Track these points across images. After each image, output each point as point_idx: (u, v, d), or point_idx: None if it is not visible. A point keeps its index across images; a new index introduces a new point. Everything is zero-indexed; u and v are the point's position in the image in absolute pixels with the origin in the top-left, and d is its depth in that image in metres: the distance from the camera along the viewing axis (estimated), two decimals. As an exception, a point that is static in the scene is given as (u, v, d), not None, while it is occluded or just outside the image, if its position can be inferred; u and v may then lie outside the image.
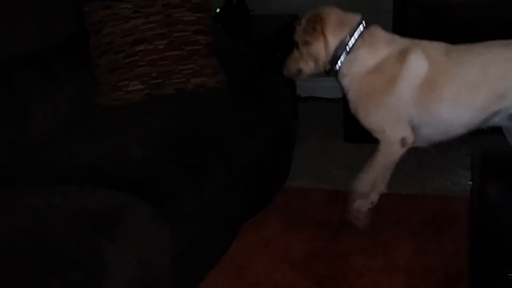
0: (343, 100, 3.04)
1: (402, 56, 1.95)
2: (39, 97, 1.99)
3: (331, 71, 2.09)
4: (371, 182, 2.07)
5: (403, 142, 1.99)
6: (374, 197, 2.12)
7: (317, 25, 2.01)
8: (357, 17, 2.05)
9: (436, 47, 1.98)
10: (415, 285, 1.90)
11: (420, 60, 1.93)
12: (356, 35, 1.99)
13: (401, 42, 2.01)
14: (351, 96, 2.04)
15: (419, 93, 1.93)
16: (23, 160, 1.79)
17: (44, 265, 1.27)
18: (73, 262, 1.30)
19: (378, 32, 2.03)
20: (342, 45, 2.00)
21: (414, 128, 1.99)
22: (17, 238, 1.35)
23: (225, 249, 2.00)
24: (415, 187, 2.48)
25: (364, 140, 2.93)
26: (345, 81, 2.04)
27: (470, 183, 1.95)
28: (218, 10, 3.07)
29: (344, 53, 2.00)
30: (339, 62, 2.02)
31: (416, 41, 2.01)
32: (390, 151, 2.01)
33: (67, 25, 2.23)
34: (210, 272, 1.88)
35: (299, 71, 2.13)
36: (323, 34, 2.01)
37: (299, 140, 2.66)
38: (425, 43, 1.99)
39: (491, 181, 1.70)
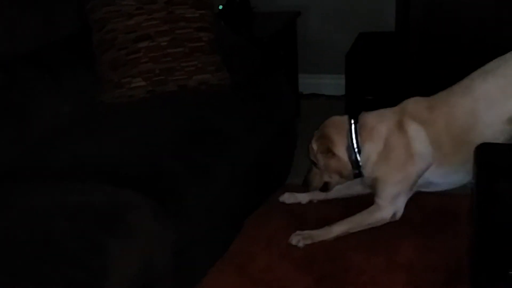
0: (346, 97, 3.06)
1: (400, 128, 2.04)
2: (42, 93, 2.00)
3: (361, 174, 2.14)
4: (342, 233, 2.10)
5: (394, 216, 2.09)
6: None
7: (329, 146, 2.10)
8: (345, 118, 2.13)
9: (420, 108, 2.04)
10: (416, 282, 1.90)
11: (416, 128, 2.02)
12: (353, 135, 2.07)
13: (390, 115, 2.08)
14: (379, 176, 2.08)
15: (435, 154, 2.02)
16: (26, 157, 1.80)
17: (47, 262, 1.28)
18: (76, 258, 1.31)
19: (367, 119, 2.10)
20: (350, 150, 2.08)
21: (429, 186, 2.11)
22: (20, 235, 1.36)
23: (227, 246, 2.00)
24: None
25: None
26: (366, 174, 2.12)
27: (471, 181, 1.98)
28: (220, 7, 3.07)
29: (357, 155, 2.08)
30: (360, 163, 2.09)
31: (400, 109, 2.08)
32: (379, 218, 2.09)
33: (70, 21, 2.23)
34: (212, 268, 1.88)
35: (327, 184, 2.21)
36: (334, 154, 2.10)
37: (301, 137, 2.66)
38: (410, 109, 2.06)
39: (493, 179, 1.70)
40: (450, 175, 2.07)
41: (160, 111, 2.03)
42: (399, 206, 2.08)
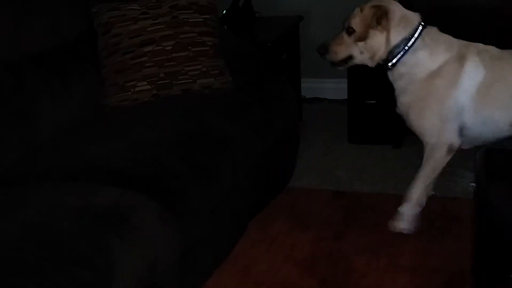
0: (348, 101, 3.07)
1: (460, 61, 1.96)
2: (49, 96, 2.01)
3: (380, 66, 2.06)
4: (425, 189, 2.09)
5: (450, 148, 2.00)
6: (423, 200, 2.13)
7: (382, 20, 1.97)
8: (417, 16, 2.04)
9: (490, 52, 2.00)
10: (419, 285, 1.91)
11: (477, 66, 1.96)
12: (416, 35, 1.98)
13: (458, 45, 2.01)
14: (406, 97, 2.03)
15: (475, 98, 1.95)
16: (33, 158, 1.82)
17: (53, 263, 1.29)
18: (82, 259, 1.32)
19: (438, 35, 2.03)
20: (401, 44, 1.99)
21: (462, 130, 2.01)
22: (26, 235, 1.37)
23: (230, 248, 2.02)
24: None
25: (368, 141, 2.98)
26: (401, 82, 2.03)
27: (473, 184, 1.97)
28: (224, 12, 3.09)
29: (402, 52, 1.99)
30: (394, 60, 2.00)
31: (472, 45, 2.02)
32: (437, 157, 2.02)
33: (76, 25, 2.25)
34: (216, 270, 1.90)
35: (350, 57, 2.08)
36: (387, 30, 1.98)
37: (303, 141, 2.68)
38: (480, 48, 2.01)
39: (495, 182, 1.70)
40: (486, 125, 1.99)
41: (164, 114, 2.04)
42: (450, 135, 1.98)
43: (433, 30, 2.04)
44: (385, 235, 2.19)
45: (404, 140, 2.85)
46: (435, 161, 2.03)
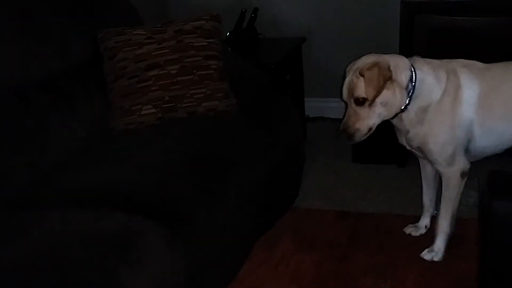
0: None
1: (455, 75, 1.99)
2: (56, 120, 2.04)
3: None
4: (453, 217, 2.12)
5: (462, 173, 2.06)
6: (453, 227, 2.17)
7: (388, 76, 1.91)
8: (398, 55, 2.07)
9: (476, 65, 2.04)
10: (425, 306, 1.91)
11: (471, 77, 1.99)
12: (413, 70, 1.98)
13: (444, 63, 2.05)
14: (422, 128, 2.01)
15: (478, 110, 1.99)
16: (40, 183, 1.84)
17: (60, 287, 1.30)
18: (90, 284, 1.33)
19: (424, 60, 2.04)
20: (409, 84, 1.96)
21: (470, 144, 2.04)
22: (34, 260, 1.38)
23: (237, 270, 2.02)
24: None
25: (373, 161, 2.99)
26: (413, 116, 2.00)
27: (471, 198, 2.00)
28: (228, 34, 3.13)
29: (411, 90, 1.97)
30: (407, 101, 1.97)
31: (454, 61, 2.06)
32: (454, 185, 2.07)
33: (83, 50, 2.28)
34: (222, 292, 1.90)
35: (371, 128, 1.97)
36: (396, 81, 1.93)
37: (307, 160, 2.69)
38: (464, 62, 2.05)
39: (499, 202, 1.71)
40: (491, 137, 2.03)
41: (169, 137, 2.07)
42: (460, 162, 2.02)
43: (419, 59, 2.06)
44: (391, 256, 2.19)
45: (408, 159, 2.86)
46: (453, 189, 2.08)
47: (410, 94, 1.97)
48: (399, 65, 1.97)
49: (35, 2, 2.18)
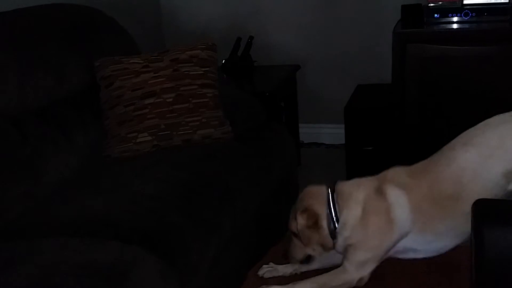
0: (345, 146, 3.12)
1: (379, 193, 1.96)
2: (52, 149, 2.05)
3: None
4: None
5: (360, 281, 2.01)
6: None
7: (318, 222, 1.99)
8: (321, 187, 2.06)
9: (401, 175, 1.99)
10: (419, 335, 1.90)
11: (396, 192, 1.94)
12: (332, 204, 2.00)
13: (367, 182, 2.02)
14: (346, 241, 2.01)
15: (415, 221, 1.94)
16: (35, 212, 1.84)
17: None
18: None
19: (343, 188, 2.03)
20: (329, 219, 2.00)
21: (403, 251, 2.02)
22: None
23: (230, 299, 2.02)
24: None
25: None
26: (340, 242, 2.01)
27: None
28: (223, 61, 3.17)
29: (336, 223, 2.00)
30: (336, 233, 2.00)
31: (379, 176, 2.02)
32: (344, 282, 2.00)
33: (80, 78, 2.30)
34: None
35: (309, 257, 2.11)
36: (320, 226, 2.00)
37: (301, 186, 2.69)
38: (389, 176, 2.00)
39: (491, 230, 1.72)
40: (432, 242, 1.99)
41: (165, 165, 2.08)
42: (367, 272, 1.99)
43: (339, 188, 2.04)
44: (384, 283, 2.18)
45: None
46: (340, 281, 2.00)
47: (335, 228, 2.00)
48: (321, 213, 2.00)
49: (32, 30, 2.20)
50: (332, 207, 2.00)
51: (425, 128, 2.82)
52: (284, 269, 2.24)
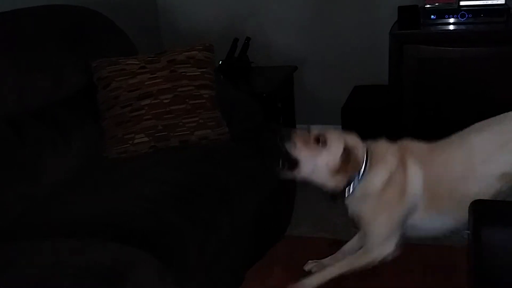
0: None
1: (403, 165, 1.99)
2: (50, 150, 2.05)
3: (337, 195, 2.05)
4: (332, 275, 2.08)
5: (384, 258, 2.03)
6: None
7: (349, 165, 1.95)
8: (361, 144, 2.04)
9: (422, 151, 2.03)
10: (417, 336, 1.91)
11: (415, 168, 1.98)
12: (364, 162, 1.99)
13: (395, 152, 2.02)
14: (364, 214, 2.04)
15: (424, 198, 1.98)
16: (33, 213, 1.83)
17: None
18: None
19: (376, 150, 2.03)
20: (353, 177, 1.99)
21: (412, 228, 2.03)
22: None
23: (228, 300, 2.01)
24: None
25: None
26: (355, 202, 2.04)
27: (468, 232, 1.98)
28: (220, 62, 3.17)
29: (356, 180, 1.99)
30: (350, 187, 2.00)
31: (404, 146, 2.04)
32: (367, 261, 2.04)
33: (77, 80, 2.30)
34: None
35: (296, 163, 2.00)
36: (348, 172, 1.96)
37: (299, 188, 2.70)
38: (412, 149, 2.03)
39: (489, 230, 1.73)
40: (435, 220, 2.03)
41: (162, 166, 2.08)
42: (390, 247, 2.02)
43: (372, 147, 2.04)
44: (383, 284, 2.19)
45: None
46: (366, 260, 2.04)
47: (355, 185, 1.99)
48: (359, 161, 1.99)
49: (30, 31, 2.20)
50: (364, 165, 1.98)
51: (422, 129, 2.83)
52: (329, 261, 2.26)
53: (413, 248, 2.36)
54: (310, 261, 2.30)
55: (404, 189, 1.99)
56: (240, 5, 3.52)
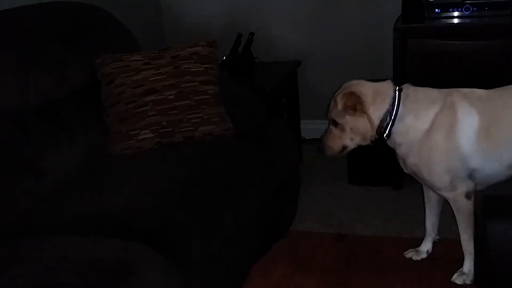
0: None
1: (451, 110, 1.97)
2: (53, 147, 2.05)
3: (378, 140, 2.08)
4: (471, 238, 2.07)
5: (468, 194, 2.02)
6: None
7: (357, 105, 2.01)
8: (389, 84, 2.06)
9: (476, 94, 2.02)
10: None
11: (469, 111, 1.97)
12: (396, 103, 2.00)
13: (441, 95, 2.01)
14: (412, 159, 2.04)
15: (478, 143, 1.96)
16: (37, 210, 1.84)
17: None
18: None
19: (416, 93, 2.03)
20: (386, 116, 2.01)
21: (474, 174, 2.02)
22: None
23: (233, 295, 2.02)
24: (420, 230, 2.50)
25: (368, 182, 3.01)
26: (402, 149, 2.05)
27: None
28: (224, 58, 3.17)
29: (390, 123, 2.00)
30: (387, 131, 2.02)
31: (454, 91, 2.03)
32: (462, 207, 2.04)
33: (81, 76, 2.29)
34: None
35: (344, 147, 2.11)
36: (365, 112, 2.01)
37: (303, 182, 2.71)
38: (463, 92, 2.02)
39: (494, 225, 1.72)
40: (489, 167, 2.00)
41: (167, 162, 2.08)
42: (462, 185, 2.00)
43: (410, 90, 2.04)
44: (389, 279, 2.19)
45: (404, 181, 2.88)
46: (462, 210, 2.05)
47: (390, 126, 2.00)
48: (377, 97, 2.01)
49: (33, 29, 2.20)
50: (395, 105, 1.99)
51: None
52: (424, 247, 2.29)
53: (418, 242, 2.36)
54: (410, 249, 2.31)
55: (453, 133, 1.96)
56: (243, 0, 3.50)
